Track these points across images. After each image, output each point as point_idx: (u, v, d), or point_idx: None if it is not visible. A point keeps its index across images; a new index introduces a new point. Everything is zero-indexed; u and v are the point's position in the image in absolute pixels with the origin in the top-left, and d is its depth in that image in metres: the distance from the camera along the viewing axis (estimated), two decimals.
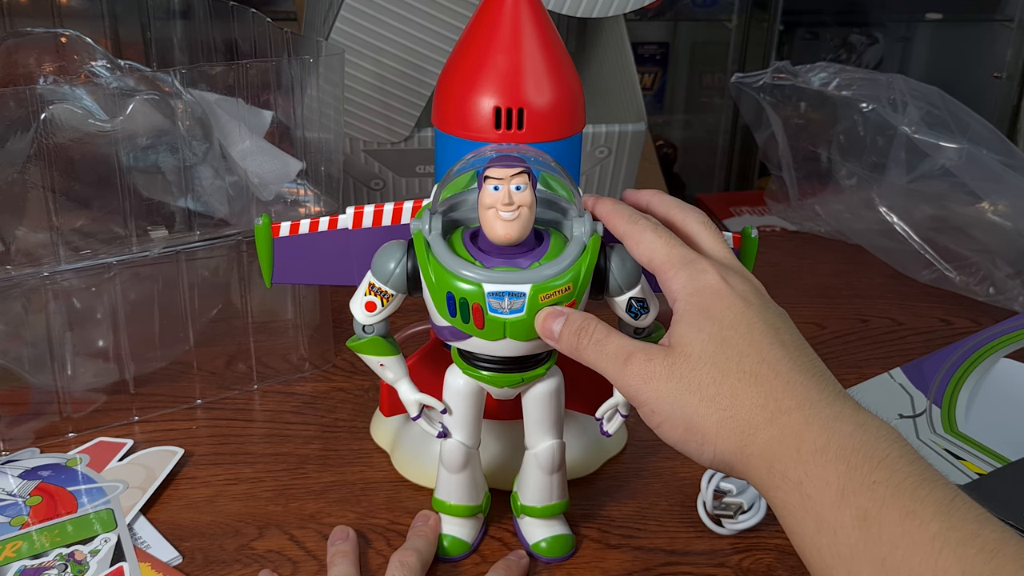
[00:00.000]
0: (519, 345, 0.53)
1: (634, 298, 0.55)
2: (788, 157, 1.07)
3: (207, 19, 0.89)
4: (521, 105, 0.57)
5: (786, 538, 0.65)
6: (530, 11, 0.58)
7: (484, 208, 0.51)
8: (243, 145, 0.72)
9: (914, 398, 0.67)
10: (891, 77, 1.01)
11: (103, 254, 0.68)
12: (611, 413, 0.58)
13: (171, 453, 0.69)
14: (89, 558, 0.59)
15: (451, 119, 0.59)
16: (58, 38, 0.75)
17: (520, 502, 0.62)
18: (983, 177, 0.94)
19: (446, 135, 0.60)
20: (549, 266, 0.52)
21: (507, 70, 0.58)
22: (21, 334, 0.69)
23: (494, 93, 0.58)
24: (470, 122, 0.58)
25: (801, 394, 0.46)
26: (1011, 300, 0.94)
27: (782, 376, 0.46)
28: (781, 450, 0.45)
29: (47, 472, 0.66)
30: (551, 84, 0.58)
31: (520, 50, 0.58)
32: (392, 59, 0.99)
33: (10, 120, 0.63)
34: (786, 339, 0.48)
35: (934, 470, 0.43)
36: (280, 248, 0.59)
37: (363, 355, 0.58)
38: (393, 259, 0.54)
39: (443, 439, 0.59)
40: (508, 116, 0.57)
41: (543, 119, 0.58)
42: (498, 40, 0.58)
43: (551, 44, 0.59)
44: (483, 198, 0.51)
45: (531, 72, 0.58)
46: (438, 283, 0.52)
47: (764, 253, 1.08)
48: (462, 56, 0.59)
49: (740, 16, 2.32)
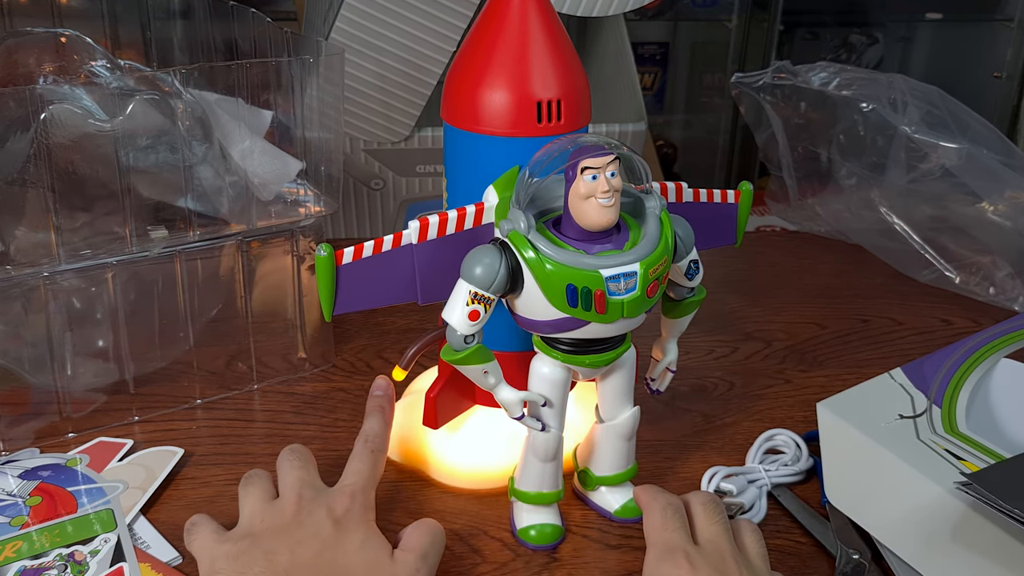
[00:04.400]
0: (629, 323, 0.55)
1: (693, 260, 0.60)
2: (788, 157, 1.07)
3: (207, 19, 0.89)
4: (559, 96, 0.58)
5: (787, 538, 0.65)
6: (538, 4, 0.58)
7: (580, 198, 0.53)
8: (243, 145, 0.72)
9: (914, 398, 0.67)
10: (891, 77, 1.00)
11: (103, 254, 0.68)
12: (663, 372, 0.65)
13: (171, 453, 0.69)
14: (89, 558, 0.59)
15: (486, 118, 0.58)
16: (58, 38, 0.75)
17: (596, 474, 0.65)
18: (983, 177, 0.94)
19: (476, 135, 0.59)
20: (645, 243, 0.54)
21: (542, 64, 0.57)
22: (21, 334, 0.69)
23: (534, 87, 0.57)
24: (511, 119, 0.57)
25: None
26: (1011, 300, 0.94)
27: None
28: None
29: (47, 472, 0.66)
30: (576, 74, 0.59)
31: (547, 43, 0.58)
32: (392, 59, 0.99)
33: (10, 120, 0.63)
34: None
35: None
36: (344, 276, 0.56)
37: (467, 366, 0.56)
38: (494, 263, 0.53)
39: (541, 431, 0.60)
40: (548, 109, 0.57)
41: (575, 109, 0.59)
42: (523, 35, 0.57)
43: (564, 34, 0.60)
44: (579, 188, 0.53)
45: (561, 64, 0.58)
46: (556, 277, 0.53)
47: (764, 253, 1.09)
48: (486, 54, 0.58)
49: (740, 16, 2.32)
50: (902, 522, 0.60)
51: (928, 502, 0.59)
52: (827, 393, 0.71)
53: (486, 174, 0.58)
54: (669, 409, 0.77)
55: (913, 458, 0.61)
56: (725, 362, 0.85)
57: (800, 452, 0.70)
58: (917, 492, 0.60)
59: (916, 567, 0.59)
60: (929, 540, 0.58)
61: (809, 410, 0.76)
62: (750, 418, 0.77)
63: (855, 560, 0.61)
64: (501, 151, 0.58)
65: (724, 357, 0.86)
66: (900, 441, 0.63)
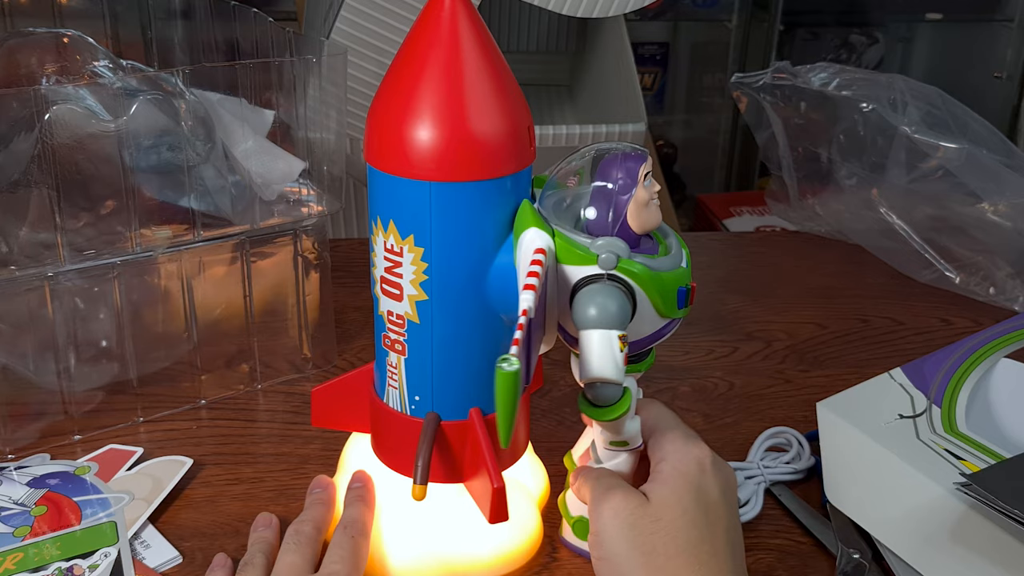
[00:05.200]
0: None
1: None
2: (788, 157, 1.07)
3: (208, 19, 0.89)
4: (529, 121, 0.53)
5: (787, 537, 0.65)
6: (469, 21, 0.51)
7: (643, 204, 0.51)
8: (246, 145, 0.72)
9: (914, 398, 0.67)
10: (891, 77, 1.01)
11: (106, 254, 0.68)
12: None
13: (179, 463, 0.68)
14: (88, 573, 0.59)
15: (488, 160, 0.50)
16: (60, 38, 0.76)
17: None
18: (983, 177, 0.94)
19: (471, 184, 0.50)
20: (673, 245, 0.54)
21: (515, 88, 0.51)
22: (24, 334, 0.69)
23: (525, 113, 0.52)
24: (517, 151, 0.51)
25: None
26: (1011, 300, 0.94)
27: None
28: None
29: (55, 480, 0.66)
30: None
31: (502, 66, 0.52)
32: (392, 58, 0.99)
33: (13, 120, 0.63)
34: (735, 541, 0.54)
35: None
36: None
37: (621, 416, 0.52)
38: (623, 299, 0.50)
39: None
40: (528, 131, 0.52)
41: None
42: (479, 63, 0.50)
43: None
44: (641, 194, 0.51)
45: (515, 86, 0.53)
46: (671, 283, 0.52)
47: (764, 253, 1.09)
48: (458, 90, 0.50)
49: (740, 16, 2.32)
50: (902, 522, 0.60)
51: (928, 502, 0.59)
52: (827, 393, 0.72)
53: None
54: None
55: (913, 458, 0.62)
56: (725, 362, 0.85)
57: (802, 450, 0.71)
58: (917, 492, 0.60)
59: (916, 567, 0.59)
60: (929, 540, 0.59)
61: (809, 410, 0.76)
62: (750, 418, 0.77)
63: (855, 560, 0.61)
64: (496, 196, 0.52)
65: (724, 357, 0.86)
66: (900, 441, 0.63)
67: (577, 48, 1.53)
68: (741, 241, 1.27)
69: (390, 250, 0.52)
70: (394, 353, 0.55)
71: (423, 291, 0.52)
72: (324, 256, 0.79)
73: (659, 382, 0.81)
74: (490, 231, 0.52)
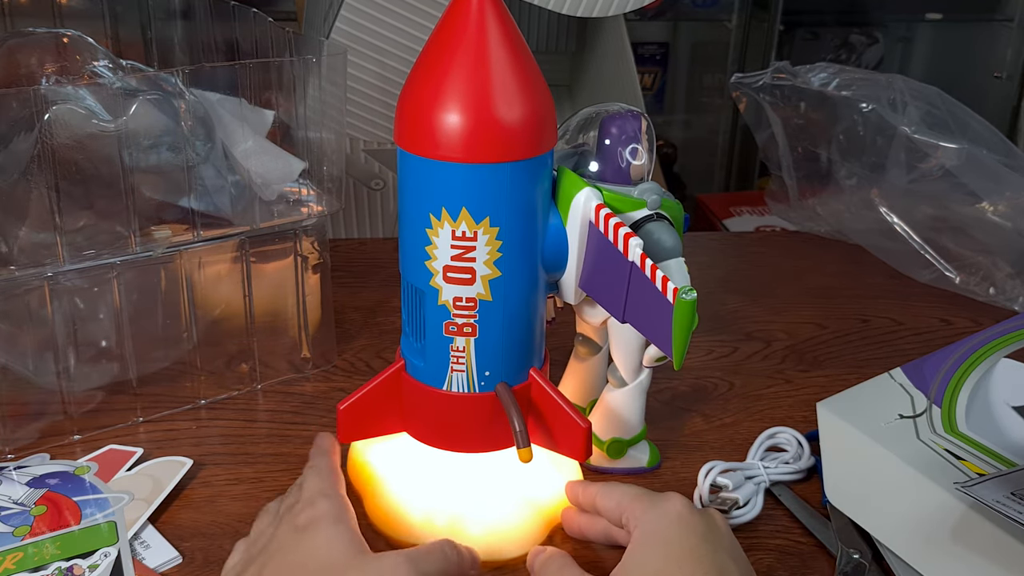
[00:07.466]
0: None
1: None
2: (788, 157, 1.07)
3: (208, 19, 0.89)
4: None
5: (786, 537, 0.65)
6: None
7: (641, 155, 0.61)
8: (245, 145, 0.72)
9: (914, 398, 0.67)
10: (891, 77, 1.01)
11: (106, 254, 0.68)
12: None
13: (179, 464, 0.68)
14: (88, 572, 0.59)
15: (546, 136, 0.55)
16: (60, 38, 0.76)
17: (627, 438, 0.68)
18: (983, 177, 0.94)
19: (535, 159, 0.54)
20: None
21: (536, 73, 0.55)
22: (24, 334, 0.69)
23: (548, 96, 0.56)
24: (551, 133, 0.56)
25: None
26: (1011, 300, 0.94)
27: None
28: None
29: (55, 480, 0.66)
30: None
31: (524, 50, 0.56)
32: (393, 58, 1.00)
33: (13, 121, 0.63)
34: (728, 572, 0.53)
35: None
36: None
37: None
38: (675, 232, 0.62)
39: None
40: None
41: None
42: (503, 50, 0.53)
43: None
44: (644, 145, 0.61)
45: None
46: (680, 212, 0.63)
47: (764, 253, 1.09)
48: (524, 75, 0.53)
49: (740, 16, 2.32)
50: (902, 522, 0.60)
51: (928, 502, 0.59)
52: (827, 393, 0.72)
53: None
54: (669, 409, 0.78)
55: (913, 458, 0.62)
56: (725, 362, 0.85)
57: (802, 450, 0.71)
58: (917, 492, 0.60)
59: (916, 567, 0.59)
60: (929, 540, 0.59)
61: (809, 410, 0.76)
62: (750, 418, 0.77)
63: (855, 560, 0.61)
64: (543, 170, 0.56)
65: (724, 357, 0.86)
66: (900, 441, 0.63)
67: (577, 48, 1.53)
68: (741, 241, 1.27)
69: (461, 237, 0.54)
70: (461, 337, 0.57)
71: (497, 269, 0.55)
72: (324, 256, 0.79)
73: (659, 382, 0.81)
74: (544, 200, 0.57)
